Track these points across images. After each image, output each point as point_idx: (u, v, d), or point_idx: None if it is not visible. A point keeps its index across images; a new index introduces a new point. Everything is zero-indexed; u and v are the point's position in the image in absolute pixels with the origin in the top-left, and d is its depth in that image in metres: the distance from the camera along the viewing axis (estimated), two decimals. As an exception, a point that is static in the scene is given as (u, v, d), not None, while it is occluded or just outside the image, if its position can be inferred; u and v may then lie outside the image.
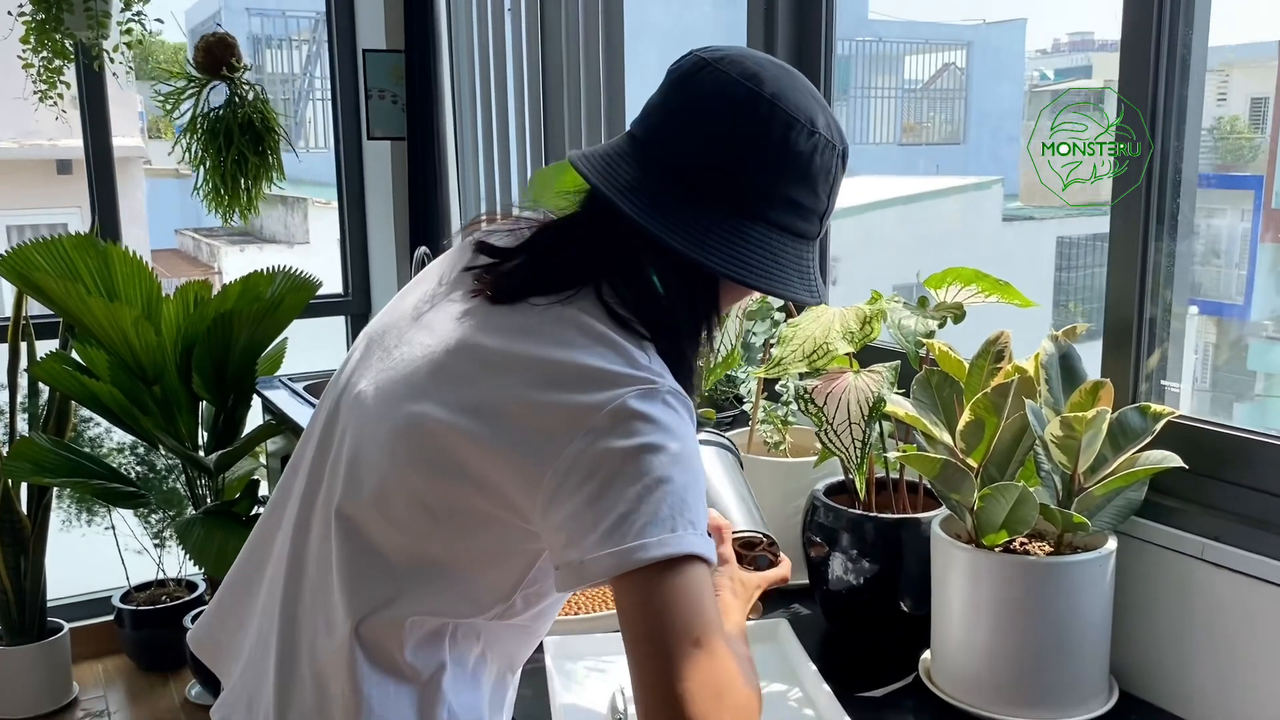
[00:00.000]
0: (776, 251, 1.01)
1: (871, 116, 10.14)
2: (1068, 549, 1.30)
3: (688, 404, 0.98)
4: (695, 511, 0.92)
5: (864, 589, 1.42)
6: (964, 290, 1.39)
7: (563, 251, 1.04)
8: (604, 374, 0.94)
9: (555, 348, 0.97)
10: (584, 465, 0.92)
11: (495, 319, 1.01)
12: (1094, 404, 1.25)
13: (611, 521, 0.90)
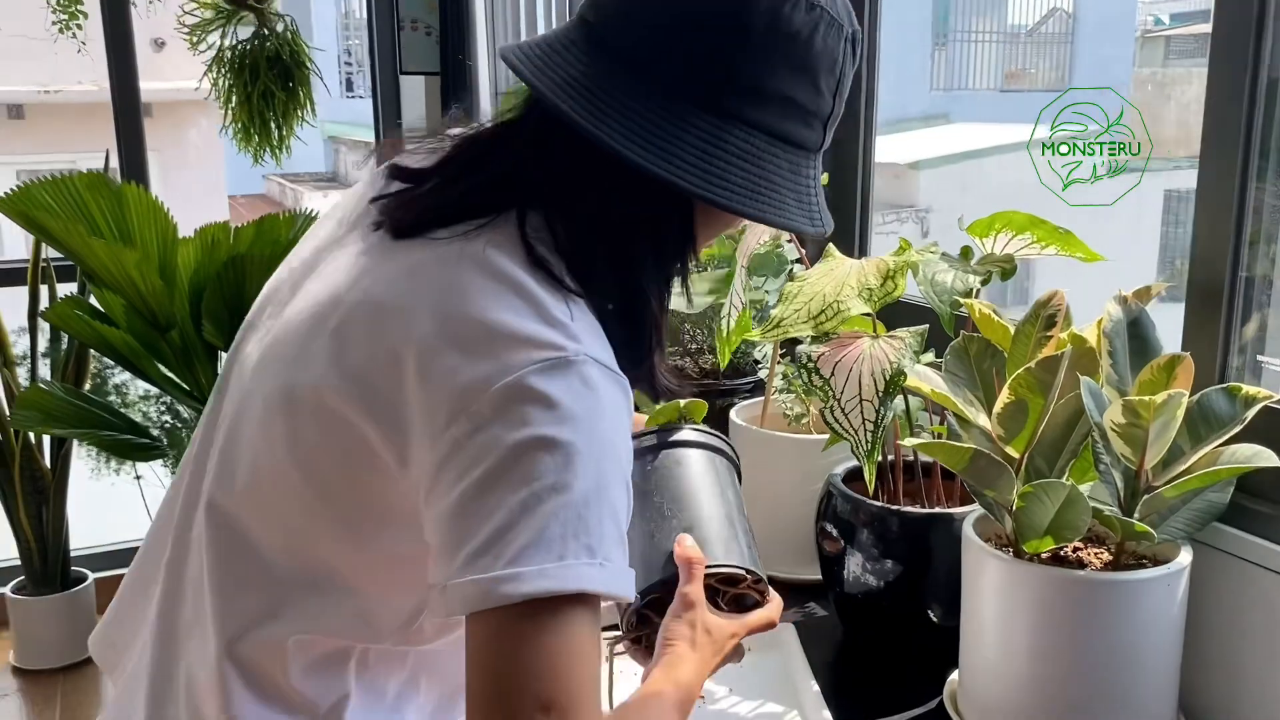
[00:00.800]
0: (766, 164, 0.77)
1: (972, 62, 9.67)
2: (1131, 559, 1.06)
3: (620, 382, 0.75)
4: (598, 533, 0.70)
5: (885, 593, 1.20)
6: (1015, 240, 1.15)
7: (482, 170, 0.82)
8: (500, 334, 0.72)
9: (444, 295, 0.75)
10: (463, 457, 0.70)
11: (391, 259, 0.80)
12: (1168, 383, 1.00)
13: (483, 538, 0.69)
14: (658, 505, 0.99)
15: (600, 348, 0.76)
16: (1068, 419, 1.04)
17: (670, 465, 1.02)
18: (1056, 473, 1.05)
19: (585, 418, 0.71)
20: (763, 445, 1.41)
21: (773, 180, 0.78)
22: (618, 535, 0.72)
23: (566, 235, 0.78)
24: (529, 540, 0.68)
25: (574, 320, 0.75)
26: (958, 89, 9.42)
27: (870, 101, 1.63)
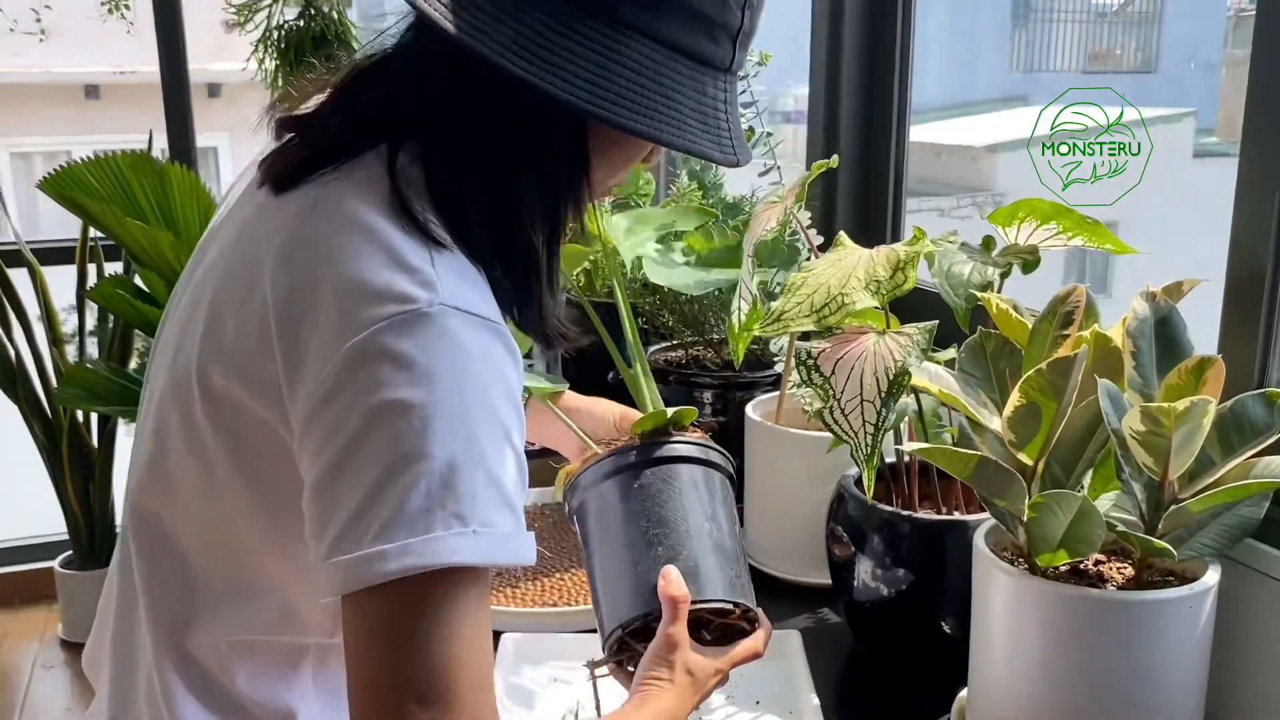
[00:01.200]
0: (665, 79, 0.70)
1: (1054, 42, 9.38)
2: (1156, 575, 0.98)
3: (493, 328, 0.68)
4: (470, 498, 0.64)
5: (896, 602, 1.14)
6: (1040, 229, 1.07)
7: (354, 104, 0.76)
8: (349, 289, 0.66)
9: (297, 251, 0.70)
10: (320, 427, 0.66)
11: (265, 219, 0.75)
12: (1197, 388, 0.92)
13: (346, 517, 0.64)
14: (643, 530, 0.93)
15: (470, 293, 0.69)
16: (1087, 424, 0.96)
17: (657, 483, 0.95)
18: (1074, 482, 0.97)
19: (445, 374, 0.65)
20: (778, 442, 1.35)
21: (673, 97, 0.71)
22: (499, 497, 0.66)
23: (440, 167, 0.72)
24: (391, 515, 0.63)
25: (435, 265, 0.68)
26: (1038, 70, 9.16)
27: (904, 79, 1.55)
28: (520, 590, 1.30)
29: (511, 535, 0.66)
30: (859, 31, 1.53)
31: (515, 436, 0.70)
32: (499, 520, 0.66)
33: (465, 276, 0.70)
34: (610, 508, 0.96)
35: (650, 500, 0.95)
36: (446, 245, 0.71)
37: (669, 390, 1.55)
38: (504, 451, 0.68)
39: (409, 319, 0.65)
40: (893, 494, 1.18)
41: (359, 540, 0.63)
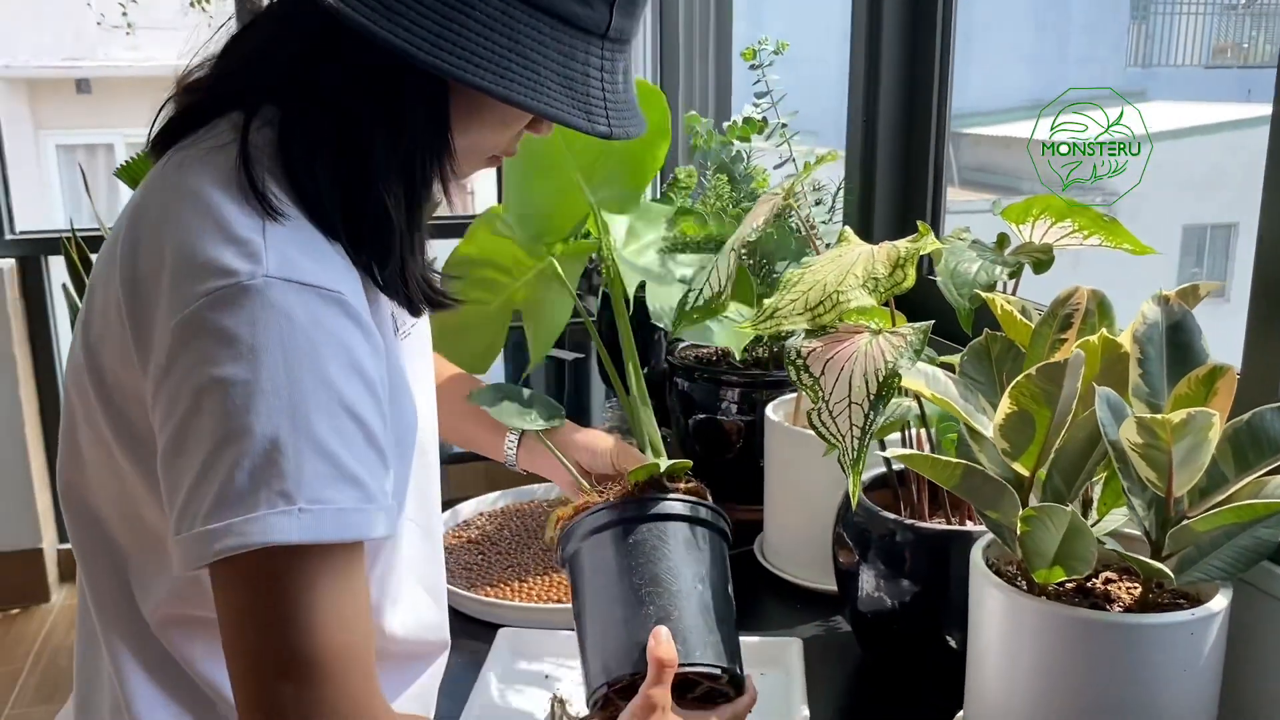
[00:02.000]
0: (522, 37, 0.67)
1: (1176, 35, 9.00)
2: (1164, 596, 0.92)
3: (328, 297, 0.66)
4: (297, 476, 0.62)
5: (900, 614, 1.09)
6: (1055, 227, 1.01)
7: (221, 66, 0.75)
8: (178, 263, 0.66)
9: (139, 225, 0.70)
10: (159, 405, 0.66)
11: (141, 184, 0.76)
12: (1207, 399, 0.86)
13: (183, 496, 0.64)
14: (635, 586, 0.92)
15: (305, 262, 0.67)
16: (1090, 434, 0.91)
17: (651, 540, 0.94)
18: (1075, 494, 0.92)
19: (269, 347, 0.63)
20: (795, 443, 1.31)
21: (530, 56, 0.67)
22: (333, 472, 0.64)
23: (292, 130, 0.71)
24: (217, 494, 0.63)
25: (266, 236, 0.67)
26: (1158, 64, 8.80)
27: (945, 71, 1.49)
28: (527, 585, 1.29)
29: (352, 510, 0.65)
30: (899, 23, 1.48)
31: (360, 406, 0.68)
32: (334, 496, 0.64)
33: (304, 246, 0.69)
34: (603, 561, 0.95)
35: (643, 557, 0.93)
36: (284, 215, 0.69)
37: (696, 388, 1.52)
38: (342, 423, 0.66)
39: (231, 292, 0.64)
40: (900, 501, 1.13)
41: (194, 519, 0.64)
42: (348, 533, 0.65)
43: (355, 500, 0.65)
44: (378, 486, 0.68)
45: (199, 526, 0.63)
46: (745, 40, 1.52)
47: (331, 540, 0.64)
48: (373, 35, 0.65)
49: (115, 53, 6.92)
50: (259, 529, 0.62)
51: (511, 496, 1.53)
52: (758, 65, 1.44)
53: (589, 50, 0.70)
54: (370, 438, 0.68)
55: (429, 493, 0.97)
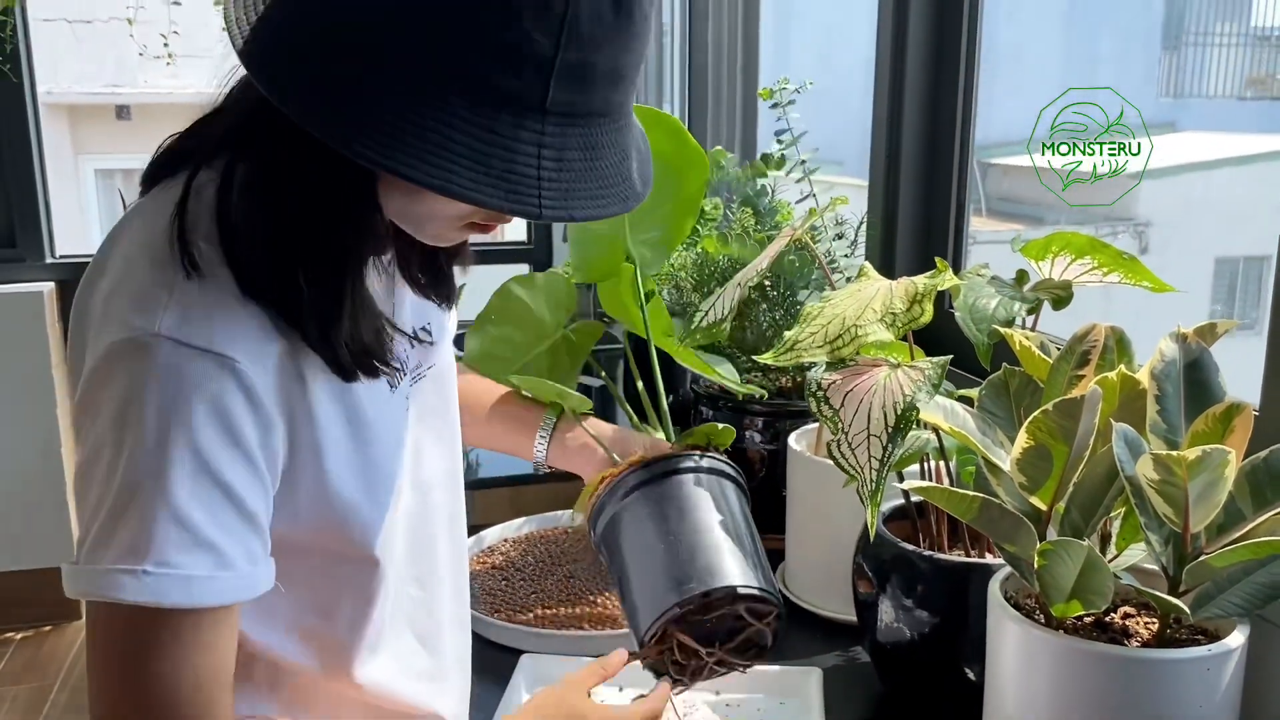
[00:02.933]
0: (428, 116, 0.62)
1: (1209, 66, 8.97)
2: (1182, 631, 0.93)
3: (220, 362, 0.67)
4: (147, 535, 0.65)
5: (919, 646, 1.10)
6: (1075, 264, 1.03)
7: (200, 120, 0.78)
8: (98, 312, 0.70)
9: (90, 267, 0.75)
10: (78, 434, 0.70)
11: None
12: (1224, 437, 0.86)
13: (82, 527, 0.69)
14: (670, 531, 1.01)
15: (203, 324, 0.68)
16: (1108, 469, 0.92)
17: (681, 491, 1.04)
18: (1092, 529, 0.92)
19: (145, 407, 0.65)
20: (817, 473, 1.32)
21: (438, 133, 0.62)
22: (187, 539, 0.66)
23: (226, 188, 0.72)
24: (90, 540, 0.67)
25: (174, 293, 0.68)
26: (1190, 95, 8.76)
27: (968, 105, 1.51)
28: (551, 611, 1.31)
29: (203, 577, 0.66)
30: (922, 58, 1.50)
31: (228, 474, 0.68)
32: (183, 562, 0.66)
33: (211, 306, 0.69)
34: (640, 517, 1.04)
35: (675, 505, 1.03)
36: (203, 272, 0.69)
37: (719, 417, 1.54)
38: (205, 490, 0.67)
39: (123, 348, 0.67)
40: (920, 533, 1.14)
41: (78, 553, 0.68)
42: (192, 599, 0.66)
43: (208, 567, 0.67)
44: (239, 553, 0.69)
45: (76, 564, 0.67)
46: (773, 75, 1.55)
47: (174, 606, 0.66)
48: (285, 108, 0.64)
49: (155, 80, 7.05)
50: (105, 583, 0.65)
51: (536, 523, 1.54)
52: (777, 104, 1.46)
53: (519, 125, 0.64)
54: (238, 506, 0.69)
55: (427, 536, 0.96)
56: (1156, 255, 4.72)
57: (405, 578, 0.94)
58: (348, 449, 0.80)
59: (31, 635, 3.18)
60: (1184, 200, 6.83)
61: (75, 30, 7.05)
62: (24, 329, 3.00)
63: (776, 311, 1.42)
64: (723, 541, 1.01)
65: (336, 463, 0.79)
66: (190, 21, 2.85)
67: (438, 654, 0.99)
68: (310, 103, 0.63)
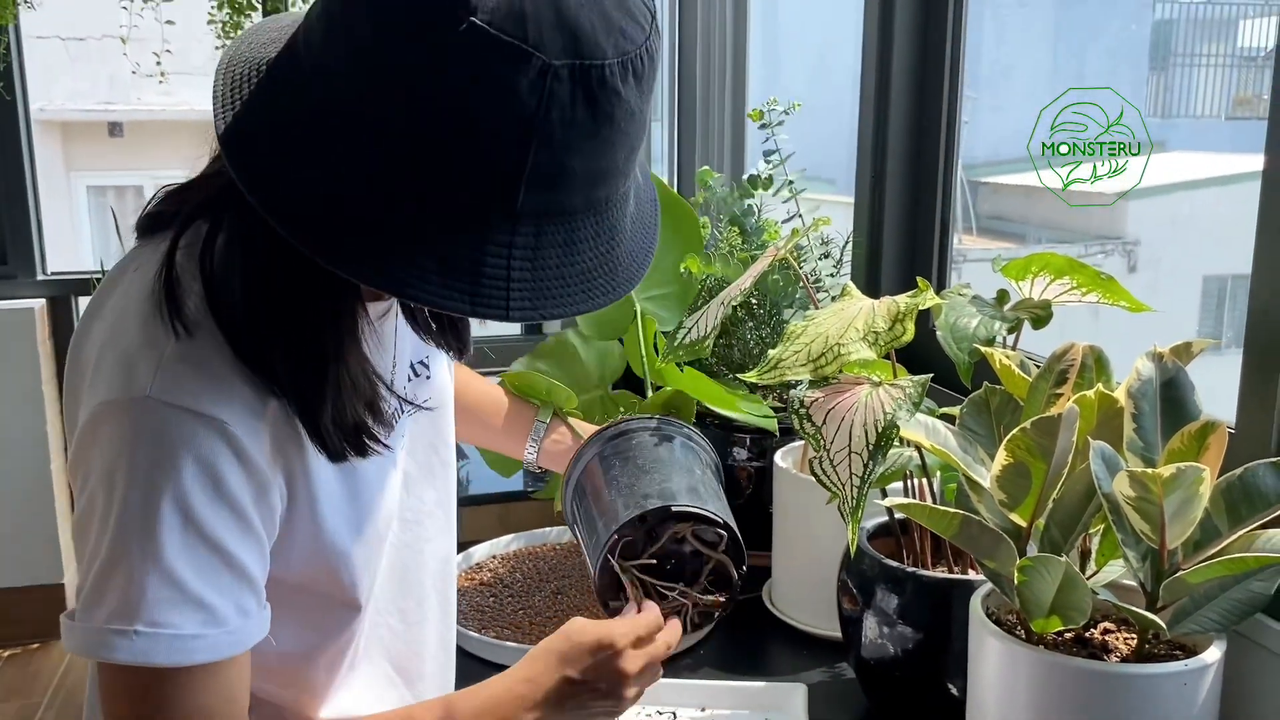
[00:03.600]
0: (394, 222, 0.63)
1: (1195, 87, 9.03)
2: (1160, 647, 0.94)
3: (208, 424, 0.67)
4: (137, 599, 0.66)
5: (902, 661, 1.11)
6: (1054, 284, 1.04)
7: (195, 177, 0.78)
8: (90, 369, 0.71)
9: (90, 312, 0.76)
10: (73, 487, 0.72)
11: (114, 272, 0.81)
12: (1199, 455, 0.88)
13: (79, 577, 0.71)
14: (626, 484, 1.05)
15: (193, 385, 0.68)
16: (1087, 486, 0.93)
17: (642, 443, 1.10)
18: (1071, 545, 0.94)
19: (135, 467, 0.66)
20: (802, 491, 1.33)
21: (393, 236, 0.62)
22: (176, 597, 0.66)
23: (204, 259, 0.72)
24: (82, 599, 0.68)
25: (165, 354, 0.68)
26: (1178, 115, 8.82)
27: (951, 126, 1.53)
28: (538, 627, 1.31)
29: (192, 636, 0.67)
30: (906, 80, 1.52)
31: (222, 532, 0.69)
32: (174, 621, 0.66)
33: (200, 367, 0.69)
34: (594, 475, 1.09)
35: (624, 457, 1.08)
36: (193, 333, 0.69)
37: (706, 433, 1.54)
38: (195, 550, 0.68)
39: (113, 408, 0.67)
40: (903, 550, 1.15)
41: (75, 605, 0.70)
42: (183, 658, 0.67)
43: (198, 625, 0.67)
44: (230, 609, 0.70)
45: (74, 619, 0.69)
46: (763, 95, 1.57)
47: (162, 664, 0.67)
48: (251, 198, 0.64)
49: (148, 97, 7.07)
50: (96, 643, 0.66)
51: (525, 540, 1.55)
52: (766, 125, 1.48)
53: (488, 229, 0.63)
54: (228, 562, 0.70)
55: (415, 566, 0.97)
56: (1145, 273, 4.73)
57: (387, 610, 0.94)
58: (341, 498, 0.81)
59: (19, 653, 3.16)
60: (1172, 219, 6.86)
61: (69, 48, 7.07)
62: (14, 346, 3.00)
63: (763, 330, 1.43)
64: (667, 474, 1.06)
65: (331, 513, 0.80)
66: (183, 40, 2.86)
67: (417, 681, 0.99)
68: (279, 201, 0.63)
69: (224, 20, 2.76)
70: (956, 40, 1.49)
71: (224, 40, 2.75)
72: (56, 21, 6.64)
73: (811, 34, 4.21)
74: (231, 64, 0.69)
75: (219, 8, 2.75)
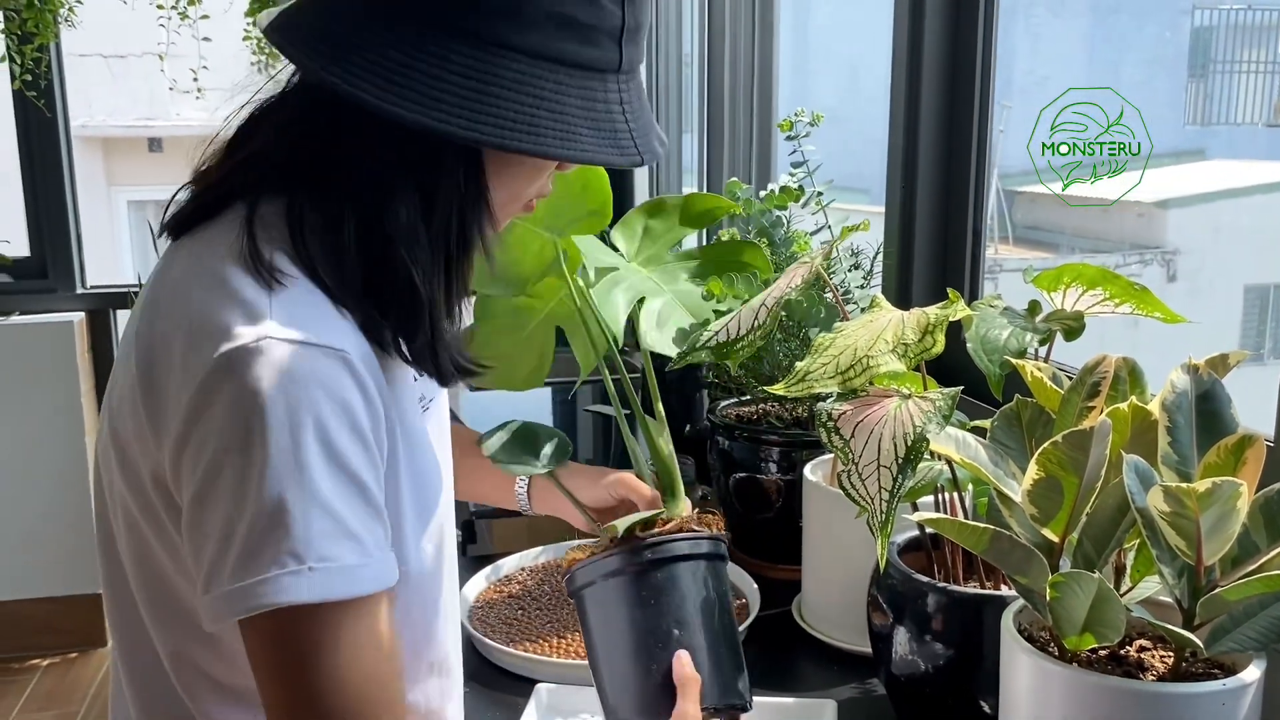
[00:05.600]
0: (545, 92, 0.70)
1: (1236, 94, 8.91)
2: (1198, 665, 0.92)
3: (329, 356, 0.69)
4: (304, 535, 0.65)
5: (933, 678, 1.09)
6: (1086, 295, 1.03)
7: (232, 156, 0.79)
8: (192, 332, 0.69)
9: (159, 299, 0.74)
10: (183, 468, 0.69)
11: (156, 269, 0.80)
12: (1236, 469, 0.86)
13: (208, 557, 0.68)
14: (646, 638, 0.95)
15: (310, 322, 0.70)
16: (1120, 501, 0.91)
17: (662, 586, 0.97)
18: (1104, 560, 0.92)
19: (273, 409, 0.66)
20: (832, 504, 1.32)
21: (557, 110, 0.70)
22: (336, 529, 0.67)
23: (310, 212, 0.73)
24: (235, 557, 0.66)
25: (272, 300, 0.70)
26: (1217, 123, 8.71)
27: (983, 136, 1.51)
28: (566, 641, 1.31)
29: (358, 565, 0.67)
30: (937, 88, 1.51)
31: (357, 464, 0.70)
32: (339, 553, 0.67)
33: (309, 307, 0.71)
34: (613, 609, 0.98)
35: (655, 607, 0.96)
36: (289, 282, 0.72)
37: (736, 446, 1.54)
38: (341, 481, 0.68)
39: (237, 355, 0.67)
40: (935, 564, 1.14)
41: (217, 580, 0.67)
42: (354, 588, 0.67)
43: (358, 555, 0.68)
44: (374, 542, 0.70)
45: (223, 588, 0.66)
46: (793, 105, 1.56)
47: (345, 595, 0.67)
48: (409, 122, 0.68)
49: (187, 112, 7.17)
50: (273, 589, 0.65)
51: (553, 552, 1.55)
52: (794, 136, 1.47)
53: (607, 89, 0.73)
54: (367, 495, 0.70)
55: (446, 557, 0.97)
56: (1185, 283, 4.65)
57: (425, 604, 0.94)
58: (404, 456, 0.82)
59: (58, 661, 3.20)
60: (1213, 228, 6.76)
61: (110, 65, 7.18)
62: (54, 358, 3.05)
63: (792, 342, 1.42)
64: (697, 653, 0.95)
65: (402, 466, 0.81)
66: (220, 56, 2.90)
67: (453, 669, 1.00)
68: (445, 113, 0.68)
69: (259, 37, 2.79)
70: (987, 49, 1.48)
71: (260, 56, 2.79)
72: (98, 40, 6.76)
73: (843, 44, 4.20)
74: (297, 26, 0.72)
75: (254, 25, 2.78)
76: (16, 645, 3.19)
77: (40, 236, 3.10)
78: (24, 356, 3.02)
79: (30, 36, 2.63)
